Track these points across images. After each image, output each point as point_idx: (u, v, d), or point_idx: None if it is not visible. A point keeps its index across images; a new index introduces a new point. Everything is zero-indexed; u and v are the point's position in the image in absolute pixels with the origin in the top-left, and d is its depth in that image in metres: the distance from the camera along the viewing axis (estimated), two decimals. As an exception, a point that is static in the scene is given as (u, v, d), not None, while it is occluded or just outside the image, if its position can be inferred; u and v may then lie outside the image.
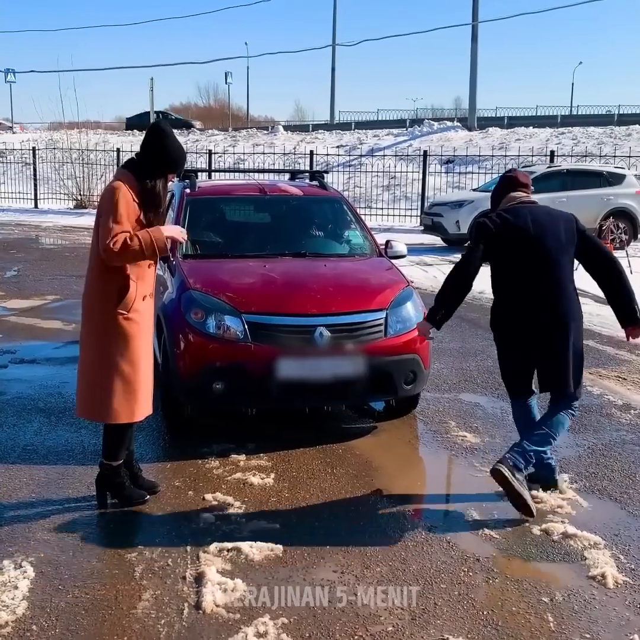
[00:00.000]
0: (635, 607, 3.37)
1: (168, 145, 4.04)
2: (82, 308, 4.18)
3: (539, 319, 4.27)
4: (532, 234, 4.28)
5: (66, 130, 27.62)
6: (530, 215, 4.34)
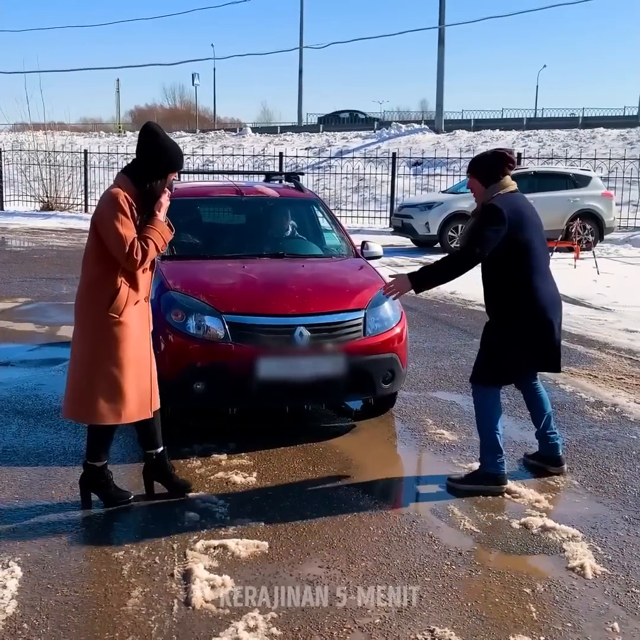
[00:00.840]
0: (614, 597, 3.47)
1: (163, 145, 4.02)
2: (74, 310, 4.17)
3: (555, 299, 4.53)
4: (536, 219, 4.52)
5: (32, 132, 27.33)
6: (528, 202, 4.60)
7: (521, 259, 4.40)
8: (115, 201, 3.90)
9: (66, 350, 7.67)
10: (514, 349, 4.47)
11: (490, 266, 4.49)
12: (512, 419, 5.85)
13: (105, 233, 3.92)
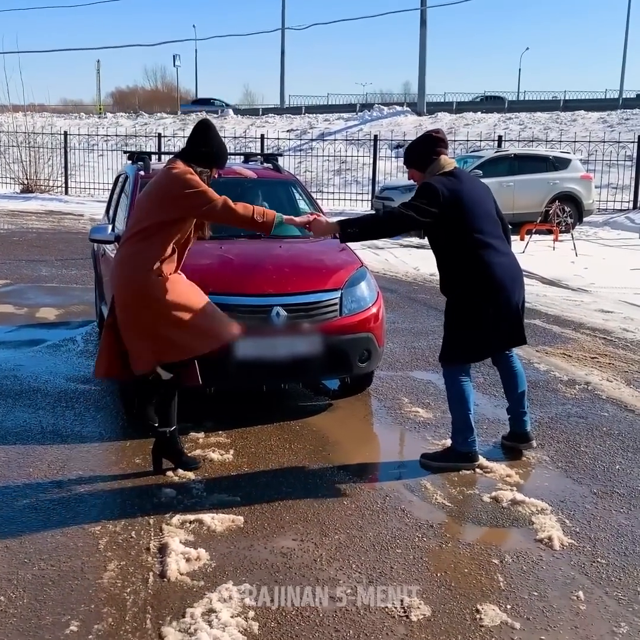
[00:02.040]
0: (580, 567, 3.56)
1: (216, 143, 4.39)
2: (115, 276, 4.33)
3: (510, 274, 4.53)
4: (479, 193, 4.56)
5: (11, 113, 27.12)
6: (472, 179, 4.67)
7: (464, 236, 4.42)
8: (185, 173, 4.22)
9: (45, 331, 7.75)
10: (472, 326, 4.50)
11: (437, 247, 4.56)
12: (487, 397, 5.94)
13: (186, 197, 4.15)
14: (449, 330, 4.62)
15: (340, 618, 3.13)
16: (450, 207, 4.36)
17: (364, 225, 4.47)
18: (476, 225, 4.44)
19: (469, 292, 4.47)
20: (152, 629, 3.04)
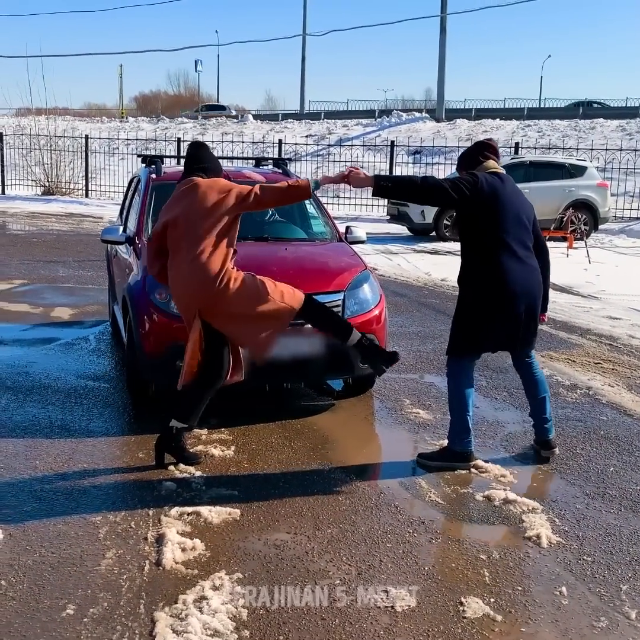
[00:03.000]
0: (566, 564, 3.64)
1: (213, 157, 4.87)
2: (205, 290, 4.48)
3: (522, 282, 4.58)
4: (515, 200, 4.61)
5: (34, 117, 27.50)
6: (516, 188, 4.72)
7: (489, 232, 4.51)
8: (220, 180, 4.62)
9: (59, 330, 7.91)
10: (472, 320, 4.59)
11: (463, 239, 4.66)
12: (488, 400, 6.02)
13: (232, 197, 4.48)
14: (454, 320, 4.73)
15: (327, 607, 3.24)
16: (485, 198, 4.46)
17: (398, 182, 4.60)
18: (504, 226, 4.53)
19: (478, 287, 4.56)
20: (145, 613, 3.15)
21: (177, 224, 4.54)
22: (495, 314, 4.55)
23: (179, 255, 4.55)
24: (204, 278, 4.43)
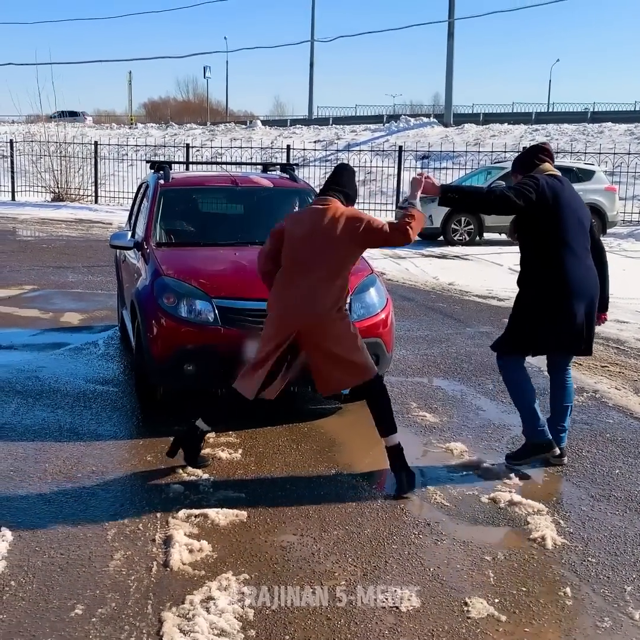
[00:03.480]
0: (570, 565, 3.66)
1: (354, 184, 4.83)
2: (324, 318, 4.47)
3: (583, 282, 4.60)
4: (574, 202, 4.64)
5: (44, 123, 27.65)
6: (573, 190, 4.74)
7: (551, 233, 4.54)
8: (354, 211, 4.58)
9: (68, 335, 7.97)
10: (529, 319, 4.62)
11: (524, 241, 4.69)
12: (494, 403, 6.04)
13: (370, 231, 4.44)
14: (512, 319, 4.75)
15: (333, 607, 3.27)
16: (546, 201, 4.49)
17: (465, 193, 4.65)
18: (565, 228, 4.55)
19: (539, 288, 4.59)
20: (152, 613, 3.19)
21: (306, 241, 4.47)
22: (556, 314, 4.58)
23: (300, 272, 4.46)
24: (324, 302, 4.41)
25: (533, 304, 4.62)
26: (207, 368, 5.26)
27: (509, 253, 15.22)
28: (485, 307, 9.95)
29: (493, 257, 14.74)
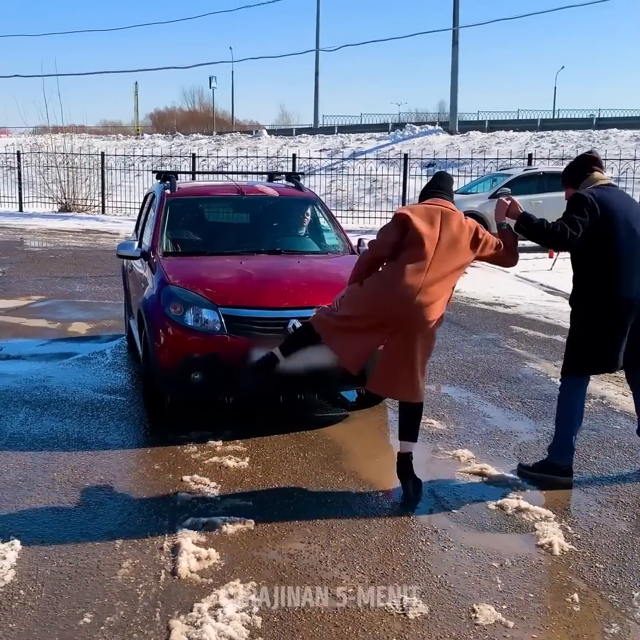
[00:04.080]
0: (578, 571, 3.66)
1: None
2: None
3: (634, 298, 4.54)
4: (632, 213, 4.58)
5: (51, 135, 27.80)
6: (629, 198, 4.73)
7: (606, 243, 4.47)
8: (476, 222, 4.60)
9: (76, 345, 8.00)
10: (592, 338, 4.57)
11: (577, 255, 4.62)
12: (501, 410, 6.04)
13: (490, 245, 4.57)
14: (572, 340, 4.70)
15: (340, 615, 3.27)
16: (597, 218, 4.45)
17: (531, 228, 4.58)
18: (617, 239, 4.49)
19: (595, 304, 4.54)
20: (160, 621, 3.21)
21: (431, 241, 4.42)
22: (617, 327, 4.52)
23: (420, 270, 4.39)
24: (435, 303, 4.40)
25: (592, 322, 4.55)
26: (214, 376, 5.28)
27: (515, 260, 15.23)
28: (491, 314, 9.95)
29: (499, 264, 14.70)
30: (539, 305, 10.41)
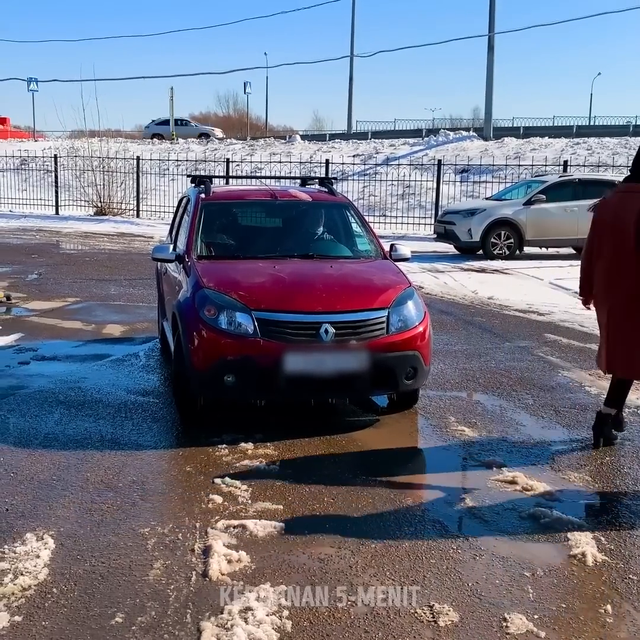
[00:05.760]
0: (611, 583, 3.62)
1: None
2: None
3: None
4: None
5: (87, 139, 28.10)
6: None
7: None
8: None
9: (110, 346, 8.08)
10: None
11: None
12: (534, 418, 5.98)
13: None
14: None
15: (371, 620, 3.27)
16: None
17: None
18: None
19: None
20: (191, 623, 3.22)
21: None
22: None
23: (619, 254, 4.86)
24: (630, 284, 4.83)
25: None
26: (247, 379, 5.31)
27: (549, 267, 15.13)
28: (525, 322, 9.87)
29: (533, 271, 14.62)
30: (573, 313, 10.31)
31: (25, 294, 11.21)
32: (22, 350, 7.83)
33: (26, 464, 4.91)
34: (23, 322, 9.35)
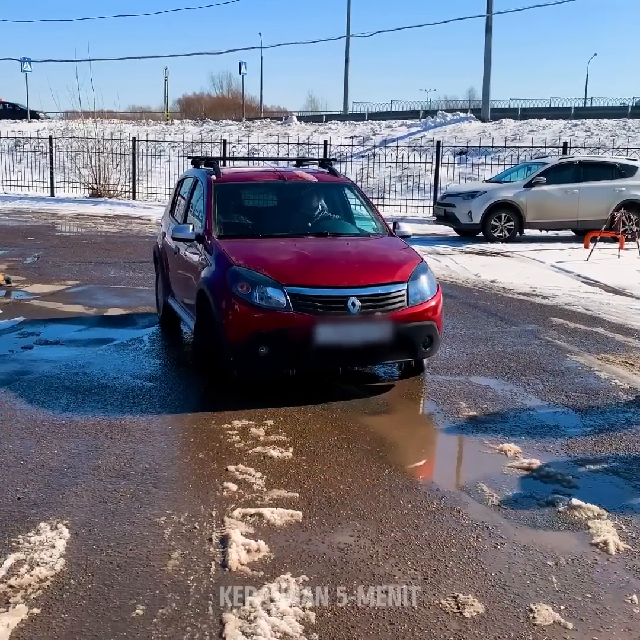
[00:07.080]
0: (635, 572, 3.57)
1: None
2: None
3: None
4: None
5: (82, 120, 27.83)
6: None
7: None
8: None
9: (113, 330, 8.00)
10: None
11: None
12: (547, 404, 5.93)
13: None
14: None
15: (395, 612, 3.22)
16: None
17: None
18: None
19: None
20: (213, 614, 3.17)
21: None
22: None
23: None
24: None
25: None
26: (280, 350, 5.58)
27: (550, 250, 15.06)
28: (529, 305, 9.81)
29: (534, 254, 14.54)
30: (577, 296, 10.25)
31: (24, 277, 11.10)
32: (25, 335, 7.74)
33: (35, 451, 4.84)
34: (24, 306, 9.25)
